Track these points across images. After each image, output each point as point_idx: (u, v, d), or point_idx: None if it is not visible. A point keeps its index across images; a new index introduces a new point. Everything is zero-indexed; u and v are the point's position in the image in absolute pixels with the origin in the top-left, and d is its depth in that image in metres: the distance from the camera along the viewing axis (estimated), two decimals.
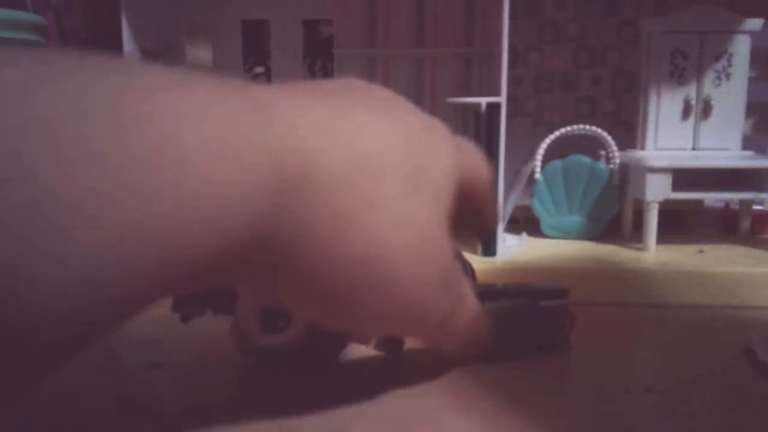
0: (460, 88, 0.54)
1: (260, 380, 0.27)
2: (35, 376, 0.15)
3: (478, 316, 0.26)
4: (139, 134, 0.14)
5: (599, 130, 0.47)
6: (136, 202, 0.14)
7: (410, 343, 0.32)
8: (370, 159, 0.20)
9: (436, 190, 0.22)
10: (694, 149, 0.48)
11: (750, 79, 0.47)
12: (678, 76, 0.47)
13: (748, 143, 0.49)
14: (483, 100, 0.41)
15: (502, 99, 0.40)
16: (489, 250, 0.42)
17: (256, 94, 0.18)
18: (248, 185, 0.17)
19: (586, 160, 0.47)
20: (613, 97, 0.55)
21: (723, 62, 0.47)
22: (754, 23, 0.46)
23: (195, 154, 0.15)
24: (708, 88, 0.47)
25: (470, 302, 0.26)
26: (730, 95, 0.47)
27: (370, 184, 0.20)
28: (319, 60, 0.77)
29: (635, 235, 0.47)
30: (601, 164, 0.48)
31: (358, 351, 0.30)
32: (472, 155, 0.25)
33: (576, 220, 0.48)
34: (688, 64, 0.47)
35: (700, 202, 0.51)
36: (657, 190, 0.43)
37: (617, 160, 0.47)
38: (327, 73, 0.76)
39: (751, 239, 0.47)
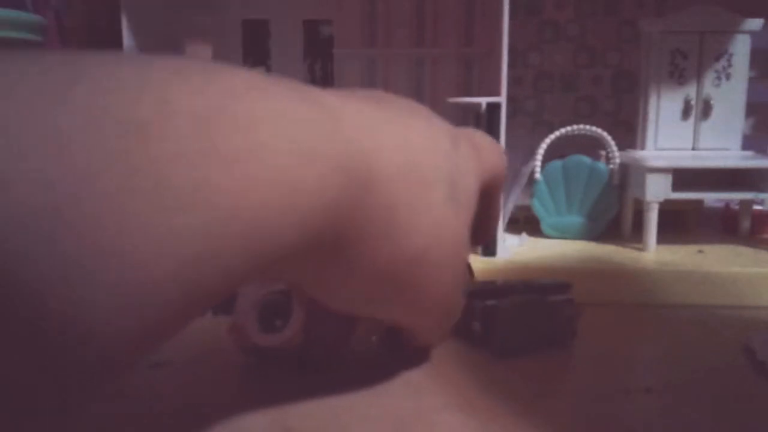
0: (460, 88, 0.54)
1: (260, 380, 0.27)
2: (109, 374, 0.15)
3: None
4: (224, 136, 0.15)
5: (599, 130, 0.47)
6: (221, 199, 0.15)
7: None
8: (421, 165, 0.21)
9: (467, 196, 0.24)
10: (694, 149, 0.48)
11: (750, 79, 0.47)
12: (678, 76, 0.47)
13: (748, 143, 0.49)
14: (483, 100, 0.41)
15: (502, 99, 0.40)
16: (489, 250, 0.42)
17: (317, 95, 0.19)
18: (321, 183, 0.17)
19: (586, 160, 0.47)
20: (613, 97, 0.55)
21: (723, 62, 0.47)
22: (754, 23, 0.46)
23: (277, 152, 0.16)
24: (708, 88, 0.47)
25: (461, 300, 0.27)
26: (730, 95, 0.47)
27: (420, 189, 0.21)
28: (319, 60, 0.77)
29: (635, 235, 0.47)
30: (601, 164, 0.48)
31: (358, 351, 0.30)
32: (493, 155, 0.27)
33: (576, 220, 0.48)
34: (688, 64, 0.47)
35: (700, 202, 0.51)
36: (657, 190, 0.43)
37: (617, 160, 0.47)
38: (327, 73, 0.76)
39: (751, 239, 0.47)
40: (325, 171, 0.17)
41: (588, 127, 0.47)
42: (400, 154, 0.20)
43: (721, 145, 0.48)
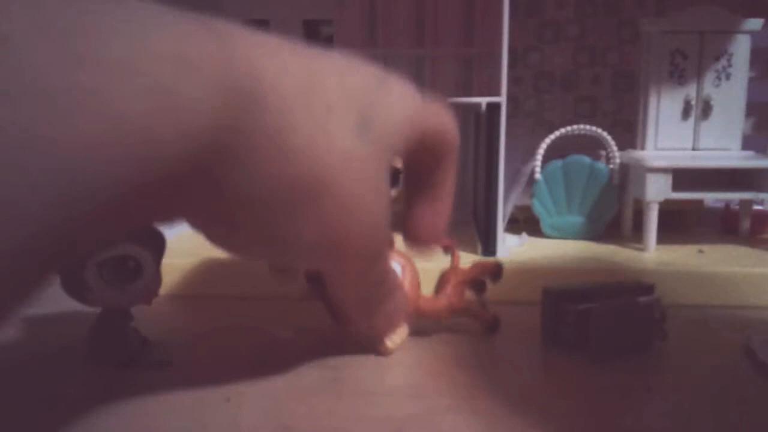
0: (460, 88, 0.54)
1: (260, 381, 0.27)
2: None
3: (401, 287, 0.28)
4: (116, 40, 0.16)
5: (599, 130, 0.47)
6: (115, 100, 0.15)
7: (409, 346, 0.32)
8: (324, 87, 0.21)
9: (386, 134, 0.23)
10: (694, 149, 0.48)
11: (750, 79, 0.47)
12: (678, 76, 0.47)
13: (748, 143, 0.49)
14: (483, 100, 0.41)
15: (502, 99, 0.40)
16: (489, 250, 0.42)
17: (207, 19, 0.19)
18: (202, 98, 0.17)
19: (586, 160, 0.47)
20: (613, 97, 0.55)
21: (723, 62, 0.47)
22: (754, 23, 0.46)
23: (162, 59, 0.16)
24: (708, 88, 0.47)
25: (391, 268, 0.27)
26: (730, 95, 0.47)
27: (321, 113, 0.21)
28: None
29: (635, 235, 0.47)
30: (601, 164, 0.48)
31: (357, 352, 0.30)
32: (437, 112, 0.26)
33: (576, 220, 0.48)
34: (688, 64, 0.47)
35: (700, 202, 0.51)
36: (657, 190, 0.43)
37: (617, 160, 0.47)
38: None
39: (751, 239, 0.47)
40: (206, 86, 0.17)
41: (588, 127, 0.47)
42: (300, 75, 0.20)
43: (721, 145, 0.48)
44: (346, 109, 0.21)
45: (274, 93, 0.19)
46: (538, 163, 0.48)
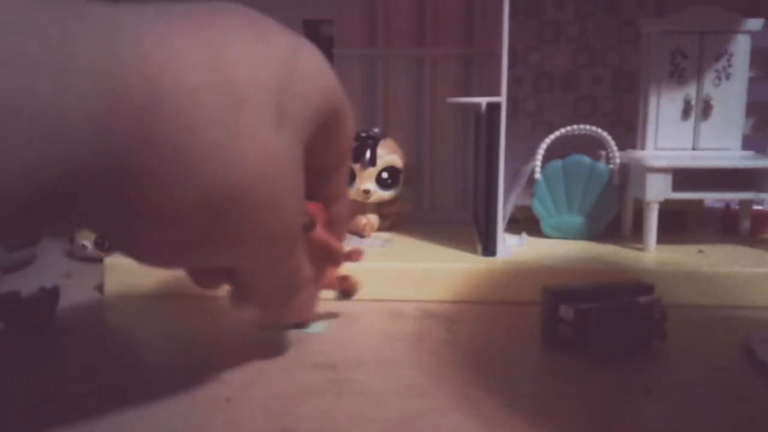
0: (460, 88, 0.54)
1: (260, 381, 0.27)
2: None
3: (311, 280, 0.27)
4: None
5: (599, 130, 0.47)
6: None
7: (411, 343, 0.32)
8: (236, 81, 0.18)
9: (301, 122, 0.21)
10: (694, 149, 0.48)
11: (750, 79, 0.47)
12: (678, 76, 0.47)
13: (748, 143, 0.49)
14: (483, 100, 0.41)
15: (502, 99, 0.40)
16: (489, 250, 0.42)
17: (94, 9, 0.16)
18: (87, 108, 0.15)
19: (586, 160, 0.47)
20: (613, 97, 0.55)
21: (723, 62, 0.47)
22: (754, 23, 0.46)
23: (24, 69, 0.14)
24: (708, 88, 0.47)
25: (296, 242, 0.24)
26: (730, 95, 0.47)
27: (234, 111, 0.18)
28: None
29: (635, 235, 0.47)
30: (601, 164, 0.48)
31: (356, 351, 0.30)
32: (338, 88, 0.24)
33: (576, 219, 0.48)
34: (688, 64, 0.47)
35: (700, 202, 0.51)
36: (657, 190, 0.43)
37: (617, 160, 0.47)
38: None
39: (751, 239, 0.47)
40: (89, 93, 0.15)
41: (588, 127, 0.47)
42: (204, 69, 0.18)
43: (721, 145, 0.48)
44: (260, 102, 0.19)
45: (175, 91, 0.17)
46: (538, 163, 0.48)
